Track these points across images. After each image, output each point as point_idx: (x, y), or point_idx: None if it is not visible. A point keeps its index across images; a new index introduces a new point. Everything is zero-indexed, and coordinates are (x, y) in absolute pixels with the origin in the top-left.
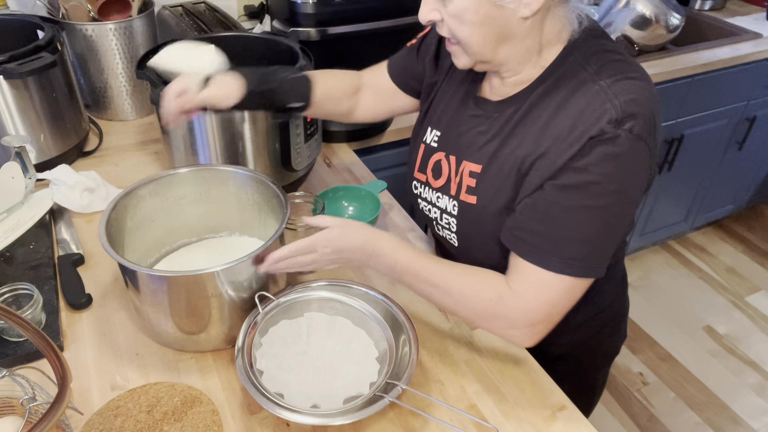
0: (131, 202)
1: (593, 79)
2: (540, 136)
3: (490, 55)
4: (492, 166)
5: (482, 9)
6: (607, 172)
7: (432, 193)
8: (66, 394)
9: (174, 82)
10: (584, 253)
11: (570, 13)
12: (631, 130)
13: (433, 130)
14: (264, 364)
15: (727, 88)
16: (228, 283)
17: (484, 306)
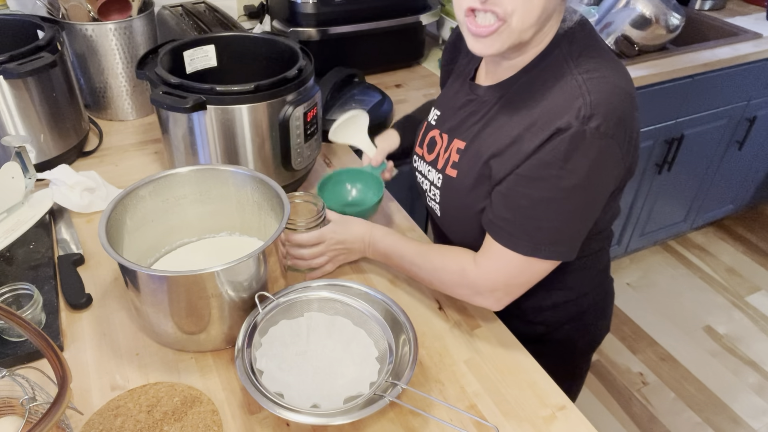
0: (131, 202)
1: (572, 73)
2: (516, 122)
3: (532, 33)
4: (473, 144)
5: None
6: (570, 167)
7: (425, 166)
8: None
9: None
10: (545, 237)
11: (573, 4)
12: (597, 127)
13: (435, 110)
14: (264, 364)
15: (727, 88)
16: (228, 283)
17: (450, 277)
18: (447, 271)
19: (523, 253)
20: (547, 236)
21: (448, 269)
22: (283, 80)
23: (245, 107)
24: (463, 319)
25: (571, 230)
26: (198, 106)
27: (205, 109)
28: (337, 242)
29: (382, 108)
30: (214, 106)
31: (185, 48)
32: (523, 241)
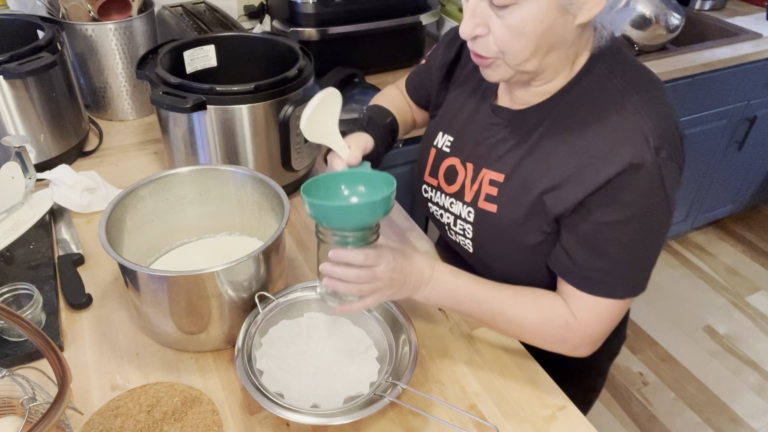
0: (131, 202)
1: (622, 96)
2: (568, 152)
3: (534, 66)
4: (515, 176)
5: (548, 17)
6: (652, 202)
7: (445, 198)
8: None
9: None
10: (639, 275)
11: (604, 19)
12: (669, 156)
13: (445, 135)
14: (264, 364)
15: (727, 88)
16: (228, 283)
17: (553, 334)
18: (551, 325)
19: (620, 298)
20: (639, 274)
21: (552, 323)
22: (283, 80)
23: (245, 107)
24: (463, 320)
25: (654, 259)
26: (198, 106)
27: (205, 109)
28: (394, 269)
29: None
30: (214, 106)
31: (185, 48)
32: (618, 287)
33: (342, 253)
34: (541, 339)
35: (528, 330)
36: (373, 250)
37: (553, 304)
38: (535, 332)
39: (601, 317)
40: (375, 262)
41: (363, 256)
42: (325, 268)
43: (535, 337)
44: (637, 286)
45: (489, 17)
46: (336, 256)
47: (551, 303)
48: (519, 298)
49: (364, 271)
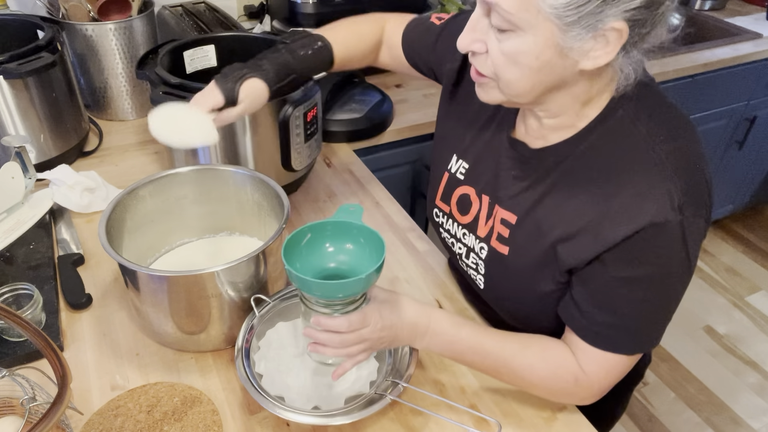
0: (131, 202)
1: (647, 143)
2: (585, 202)
3: (529, 100)
4: (529, 220)
5: (544, 56)
6: (672, 261)
7: (457, 227)
8: (66, 394)
9: (201, 99)
10: (650, 332)
11: (626, 66)
12: (694, 213)
13: (460, 160)
14: (263, 367)
15: (727, 88)
16: (228, 283)
17: (561, 388)
18: (560, 380)
19: (630, 354)
20: (650, 330)
21: (561, 378)
22: None
23: None
24: None
25: (670, 316)
26: None
27: None
28: (382, 328)
29: (382, 108)
30: None
31: (185, 48)
32: (629, 343)
33: (324, 321)
34: (547, 393)
35: (535, 384)
36: (358, 314)
37: (562, 358)
38: (542, 386)
39: (610, 372)
40: (360, 326)
41: (347, 324)
42: (309, 333)
43: (542, 391)
44: (648, 342)
45: (488, 36)
46: (318, 323)
47: (560, 356)
48: (526, 351)
49: (350, 336)
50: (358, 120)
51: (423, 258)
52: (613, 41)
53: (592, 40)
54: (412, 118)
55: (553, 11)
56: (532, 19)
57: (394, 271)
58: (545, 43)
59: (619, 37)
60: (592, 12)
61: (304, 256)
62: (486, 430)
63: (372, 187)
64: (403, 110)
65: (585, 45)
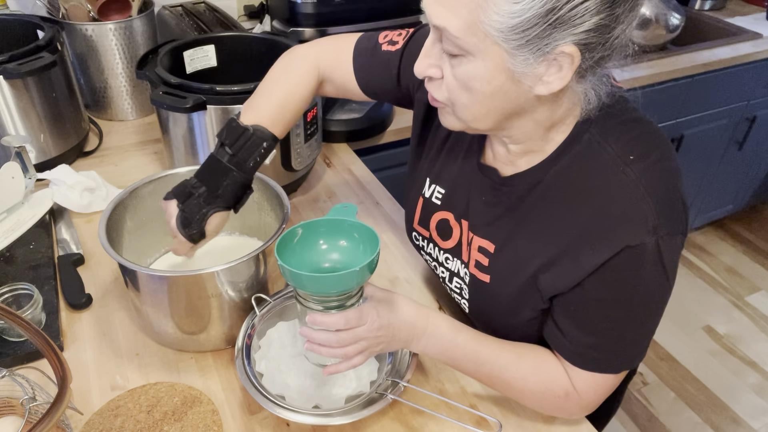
0: (131, 202)
1: (617, 164)
2: (563, 227)
3: (488, 126)
4: (507, 249)
5: (496, 80)
6: (648, 279)
7: (439, 252)
8: (66, 394)
9: (179, 249)
10: (635, 349)
11: (589, 90)
12: (669, 232)
13: (434, 185)
14: (263, 367)
15: (727, 88)
16: (228, 283)
17: (551, 402)
18: (551, 395)
19: (615, 372)
20: (635, 347)
21: (552, 393)
22: None
23: None
24: None
25: (653, 330)
26: (198, 106)
27: (205, 109)
28: (379, 327)
29: (382, 108)
30: (214, 106)
31: (185, 48)
32: (613, 362)
33: (319, 318)
34: (538, 406)
35: (527, 397)
36: (355, 311)
37: (555, 374)
38: (533, 399)
39: (599, 389)
40: (357, 323)
41: (343, 321)
42: (305, 333)
43: (533, 404)
44: (633, 358)
45: (443, 61)
46: (314, 322)
47: (553, 371)
48: (520, 364)
49: (346, 334)
50: (358, 120)
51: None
52: (566, 66)
53: (544, 65)
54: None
55: (500, 35)
56: (479, 43)
57: (393, 271)
58: (495, 68)
59: (571, 62)
60: (539, 36)
61: (297, 254)
62: (486, 429)
63: (372, 187)
64: (403, 110)
65: (537, 70)
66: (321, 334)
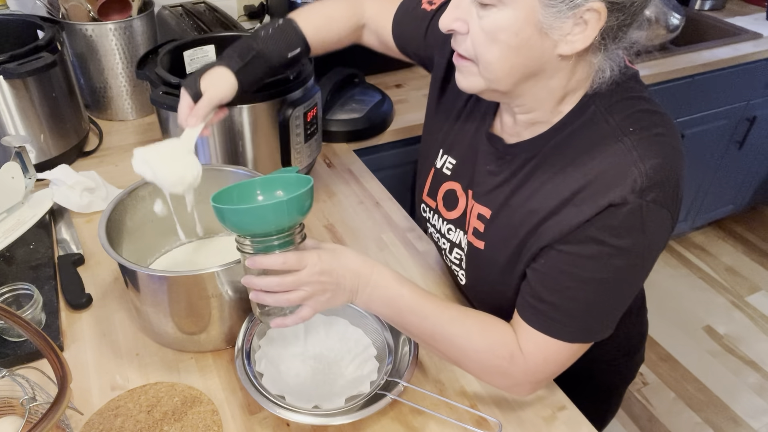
0: (131, 202)
1: (616, 134)
2: (554, 190)
3: (508, 87)
4: (502, 214)
5: (524, 32)
6: (626, 244)
7: (443, 223)
8: (66, 394)
9: (179, 106)
10: (596, 322)
11: (603, 62)
12: (655, 200)
13: (446, 156)
14: (263, 367)
15: (727, 88)
16: (228, 283)
17: (496, 364)
18: (495, 355)
19: (569, 341)
20: (596, 319)
21: (496, 353)
22: (284, 80)
23: (245, 107)
24: None
25: (619, 309)
26: None
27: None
28: (321, 272)
29: (382, 108)
30: None
31: (185, 48)
32: (570, 328)
33: (259, 259)
34: (480, 368)
35: (469, 357)
36: (295, 253)
37: (502, 333)
38: (476, 360)
39: (549, 358)
40: (297, 265)
41: (282, 260)
42: (247, 281)
43: (475, 366)
44: (591, 331)
45: (470, 15)
46: (253, 264)
47: (500, 331)
48: (465, 321)
49: (288, 277)
50: (358, 120)
51: (423, 258)
52: (592, 24)
53: (571, 21)
54: (412, 118)
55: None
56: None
57: None
58: (525, 19)
59: (598, 20)
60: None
61: (234, 202)
62: (487, 429)
63: (372, 187)
64: (403, 110)
65: (564, 25)
66: (262, 279)
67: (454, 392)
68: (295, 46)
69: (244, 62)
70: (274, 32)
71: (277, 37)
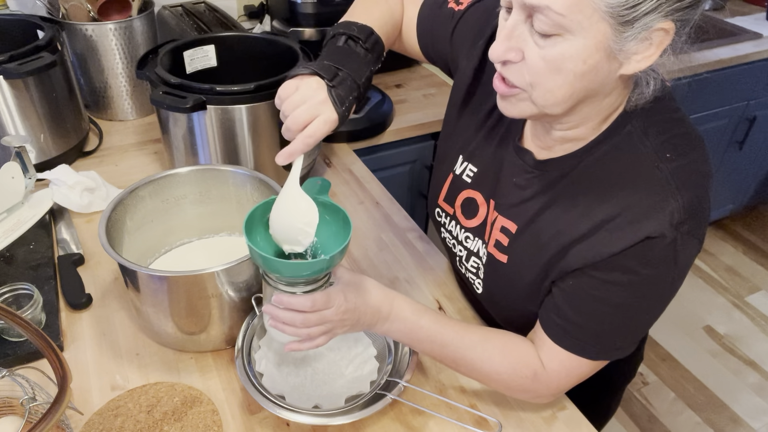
0: (131, 202)
1: (653, 160)
2: (586, 213)
3: (562, 110)
4: (528, 231)
5: (592, 59)
6: (657, 274)
7: (460, 230)
8: (66, 394)
9: (317, 126)
10: (621, 341)
11: (647, 76)
12: (689, 231)
13: (466, 163)
14: (263, 367)
15: (727, 88)
16: (228, 283)
17: (519, 383)
18: (518, 375)
19: (593, 359)
20: (621, 339)
21: (519, 373)
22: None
23: (245, 107)
24: (463, 320)
25: (645, 329)
26: (198, 106)
27: (205, 109)
28: (345, 311)
29: (382, 108)
30: (214, 106)
31: (185, 48)
32: (596, 348)
33: (286, 299)
34: (504, 387)
35: (493, 378)
36: (323, 294)
37: (524, 352)
38: (500, 381)
39: (571, 373)
40: (324, 306)
41: (310, 303)
42: (270, 311)
43: (499, 386)
44: (613, 350)
45: (526, 43)
46: (281, 302)
47: (521, 350)
48: (486, 345)
49: (312, 316)
50: (358, 120)
51: (423, 258)
52: (657, 43)
53: (640, 43)
54: (412, 118)
55: (610, 10)
56: (584, 20)
57: (394, 271)
58: (596, 47)
59: (666, 38)
60: (647, 11)
61: (265, 231)
62: (486, 429)
63: (372, 187)
64: (403, 110)
65: (633, 47)
66: (286, 313)
67: (454, 392)
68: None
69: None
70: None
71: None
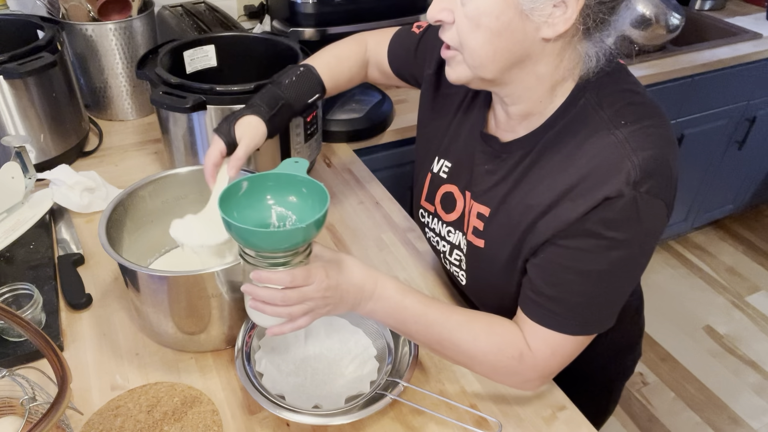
0: (131, 202)
1: (608, 127)
2: (550, 185)
3: (494, 74)
4: (501, 212)
5: (505, 15)
6: (622, 236)
7: (442, 226)
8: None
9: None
10: (597, 314)
11: (590, 49)
12: (649, 190)
13: (442, 160)
14: (263, 367)
15: (727, 88)
16: (228, 283)
17: (506, 364)
18: (504, 356)
19: (573, 334)
20: (597, 311)
21: (505, 353)
22: None
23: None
24: None
25: (619, 300)
26: (198, 106)
27: (205, 109)
28: (327, 287)
29: (382, 108)
30: (214, 106)
31: (185, 48)
32: (572, 321)
33: (265, 275)
34: (490, 370)
35: (478, 360)
36: (303, 270)
37: (509, 332)
38: (485, 362)
39: (556, 352)
40: (304, 282)
41: (290, 278)
42: (248, 289)
43: (485, 368)
44: (593, 323)
45: (455, 4)
46: (259, 278)
47: (506, 331)
48: (471, 324)
49: (292, 292)
50: (358, 120)
51: (423, 258)
52: (571, 5)
53: (551, 3)
54: (412, 118)
55: None
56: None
57: (394, 271)
58: (506, 2)
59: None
60: None
61: (242, 208)
62: (486, 429)
63: (372, 187)
64: (403, 110)
65: (545, 8)
66: (266, 291)
67: (454, 392)
68: (315, 92)
69: (272, 111)
70: (297, 80)
71: (299, 85)
